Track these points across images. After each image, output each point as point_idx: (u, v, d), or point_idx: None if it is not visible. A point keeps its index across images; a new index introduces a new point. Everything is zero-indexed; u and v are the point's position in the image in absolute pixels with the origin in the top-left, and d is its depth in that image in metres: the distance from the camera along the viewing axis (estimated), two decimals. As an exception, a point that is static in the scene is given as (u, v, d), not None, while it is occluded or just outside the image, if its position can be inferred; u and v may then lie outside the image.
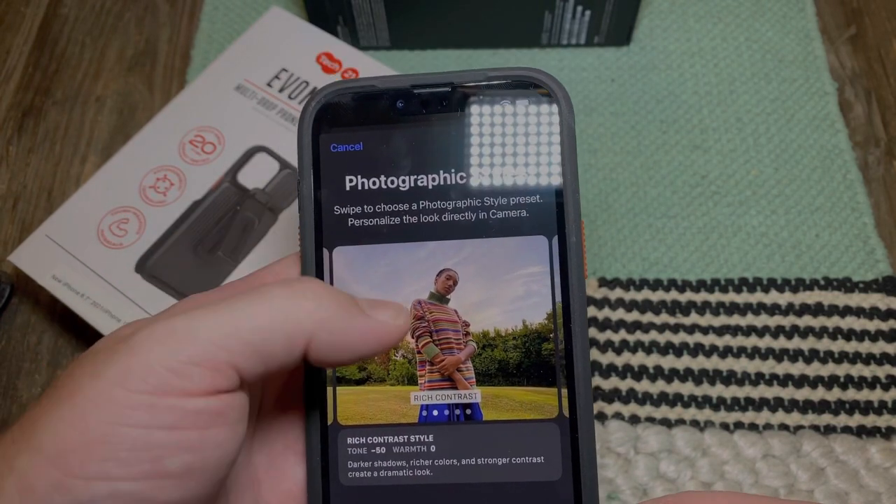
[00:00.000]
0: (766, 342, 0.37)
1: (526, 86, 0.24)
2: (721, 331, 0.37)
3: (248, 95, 0.39)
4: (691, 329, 0.38)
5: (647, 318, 0.38)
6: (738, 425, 0.35)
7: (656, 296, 0.38)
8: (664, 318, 0.38)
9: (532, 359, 0.23)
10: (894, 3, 0.48)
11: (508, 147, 0.24)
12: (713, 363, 0.37)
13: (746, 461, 0.34)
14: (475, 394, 0.23)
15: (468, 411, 0.23)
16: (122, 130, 0.45)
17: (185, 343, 0.19)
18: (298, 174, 0.24)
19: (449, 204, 0.24)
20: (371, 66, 0.40)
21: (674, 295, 0.38)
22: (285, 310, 0.19)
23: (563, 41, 0.46)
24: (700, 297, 0.38)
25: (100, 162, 0.44)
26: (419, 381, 0.23)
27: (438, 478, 0.22)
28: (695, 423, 0.35)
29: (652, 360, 0.37)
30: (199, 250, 0.35)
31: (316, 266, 0.23)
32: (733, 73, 0.45)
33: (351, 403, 0.23)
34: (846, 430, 0.35)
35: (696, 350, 0.37)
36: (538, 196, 0.23)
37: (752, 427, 0.35)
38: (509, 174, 0.24)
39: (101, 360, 0.19)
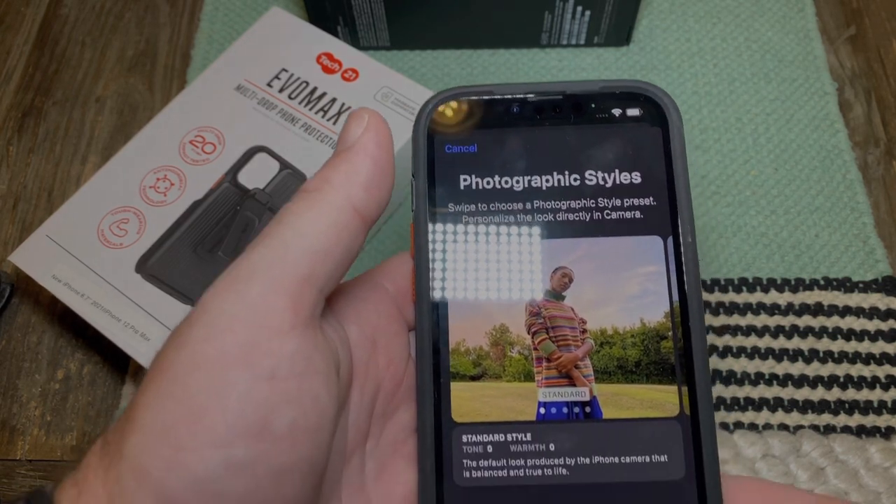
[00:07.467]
0: (766, 342, 0.37)
1: (637, 97, 0.24)
2: (721, 331, 0.37)
3: (249, 95, 0.39)
4: (691, 329, 0.38)
5: (647, 317, 0.38)
6: (738, 425, 0.35)
7: (656, 296, 0.38)
8: (664, 317, 0.38)
9: (651, 356, 0.23)
10: (894, 3, 0.48)
11: (621, 151, 0.24)
12: (713, 363, 0.37)
13: (746, 461, 0.34)
14: (594, 391, 0.23)
15: (587, 409, 0.22)
16: (122, 130, 0.45)
17: (250, 281, 0.18)
18: (413, 173, 0.24)
19: (563, 204, 0.24)
20: (371, 67, 0.40)
21: (674, 295, 0.38)
22: (310, 209, 0.20)
23: (562, 41, 0.46)
24: (700, 296, 0.38)
25: (100, 162, 0.44)
26: (536, 378, 0.23)
27: (557, 477, 0.22)
28: (695, 423, 0.35)
29: (652, 360, 0.37)
30: (199, 250, 0.35)
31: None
32: (733, 73, 0.45)
33: (466, 400, 0.23)
34: (846, 429, 0.35)
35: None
36: (652, 198, 0.24)
37: (752, 427, 0.35)
38: (624, 177, 0.24)
39: (180, 331, 0.18)
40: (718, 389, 0.36)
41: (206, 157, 0.38)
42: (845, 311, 0.38)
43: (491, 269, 0.23)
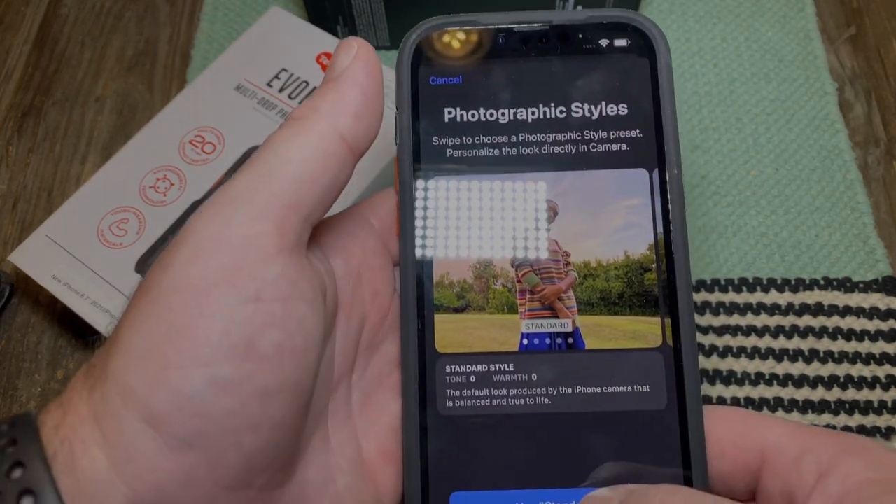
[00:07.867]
0: (766, 342, 0.37)
1: (624, 27, 0.24)
2: (721, 331, 0.37)
3: (248, 95, 0.39)
4: (691, 329, 0.38)
5: (647, 317, 0.38)
6: (738, 425, 0.35)
7: (656, 296, 0.38)
8: (664, 317, 0.38)
9: (634, 288, 0.23)
10: (894, 3, 0.48)
11: (608, 82, 0.24)
12: (713, 363, 0.37)
13: (746, 461, 0.34)
14: (577, 322, 0.23)
15: (570, 340, 0.22)
16: (122, 130, 0.45)
17: (234, 206, 0.18)
18: (397, 107, 0.24)
19: (548, 137, 0.24)
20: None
21: (674, 295, 0.38)
22: (295, 137, 0.20)
23: (563, 41, 0.46)
24: (700, 297, 0.38)
25: (100, 162, 0.44)
26: (519, 310, 0.23)
27: (539, 407, 0.22)
28: (695, 423, 0.35)
29: (652, 360, 0.37)
30: (199, 250, 0.35)
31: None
32: (733, 73, 0.45)
33: (449, 332, 0.23)
34: (846, 429, 0.35)
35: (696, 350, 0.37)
36: (638, 130, 0.23)
37: (752, 427, 0.35)
38: (610, 109, 0.24)
39: (165, 255, 0.18)
40: (719, 389, 0.36)
41: (206, 156, 0.38)
42: (845, 312, 0.38)
43: (475, 202, 0.23)
